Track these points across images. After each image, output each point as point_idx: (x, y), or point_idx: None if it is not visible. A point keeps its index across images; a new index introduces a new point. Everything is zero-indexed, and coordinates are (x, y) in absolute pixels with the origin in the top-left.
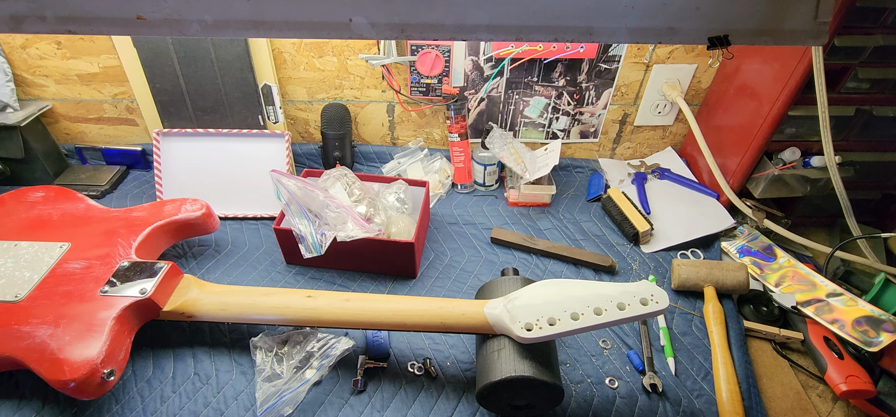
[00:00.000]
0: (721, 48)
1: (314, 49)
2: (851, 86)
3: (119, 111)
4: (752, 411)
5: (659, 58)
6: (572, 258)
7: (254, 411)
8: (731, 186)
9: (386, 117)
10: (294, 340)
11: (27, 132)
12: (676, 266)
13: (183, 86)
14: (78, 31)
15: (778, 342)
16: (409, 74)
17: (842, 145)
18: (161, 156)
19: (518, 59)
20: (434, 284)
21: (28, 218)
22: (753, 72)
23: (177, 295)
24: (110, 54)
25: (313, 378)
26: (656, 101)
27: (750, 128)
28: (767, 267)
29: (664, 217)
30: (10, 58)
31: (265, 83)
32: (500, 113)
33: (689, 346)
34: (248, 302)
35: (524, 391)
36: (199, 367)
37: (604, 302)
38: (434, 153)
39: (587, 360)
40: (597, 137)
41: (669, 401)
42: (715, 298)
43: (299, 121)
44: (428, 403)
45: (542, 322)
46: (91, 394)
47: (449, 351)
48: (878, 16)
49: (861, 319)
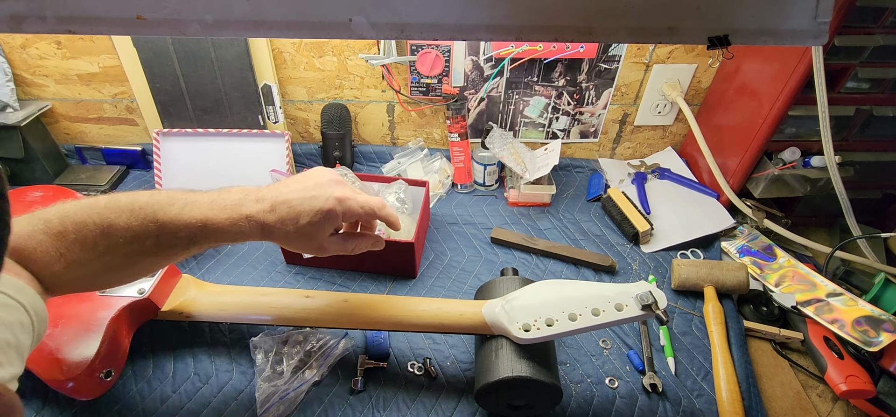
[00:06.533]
0: (721, 48)
1: (314, 49)
2: (851, 85)
3: (119, 111)
4: (752, 411)
5: (659, 58)
6: (572, 258)
7: (254, 411)
8: (731, 186)
9: (386, 117)
10: (294, 340)
11: (27, 132)
12: (676, 266)
13: (183, 86)
14: (78, 31)
15: (778, 342)
16: (409, 74)
17: (842, 145)
18: (161, 156)
19: (518, 59)
20: (434, 284)
21: None
22: (753, 72)
23: (175, 295)
24: (110, 54)
25: (313, 378)
26: (656, 101)
27: (750, 127)
28: (767, 267)
29: (664, 217)
30: (10, 58)
31: (265, 83)
32: (500, 113)
33: (689, 346)
34: (247, 302)
35: (522, 391)
36: (198, 367)
37: (602, 302)
38: (434, 153)
39: (587, 360)
40: (597, 137)
41: (669, 401)
42: (715, 298)
43: (299, 121)
44: (428, 403)
45: (540, 322)
46: (89, 394)
47: (449, 351)
48: (878, 16)
49: (861, 319)
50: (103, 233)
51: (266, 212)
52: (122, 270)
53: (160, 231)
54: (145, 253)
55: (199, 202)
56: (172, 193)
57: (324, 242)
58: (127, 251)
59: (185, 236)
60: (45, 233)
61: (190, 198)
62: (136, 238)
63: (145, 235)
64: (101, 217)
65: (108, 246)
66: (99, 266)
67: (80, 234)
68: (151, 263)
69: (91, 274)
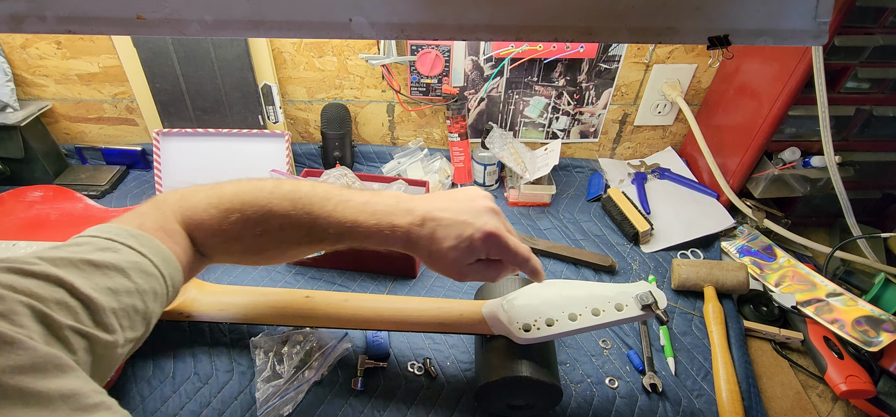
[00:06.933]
0: (721, 48)
1: (314, 49)
2: (851, 85)
3: (119, 111)
4: (752, 411)
5: (659, 58)
6: (572, 258)
7: (254, 411)
8: (731, 186)
9: (386, 117)
10: (294, 340)
11: (27, 132)
12: (676, 266)
13: (183, 86)
14: (78, 31)
15: (778, 342)
16: (409, 74)
17: (842, 145)
18: (161, 156)
19: (518, 59)
20: (434, 284)
21: (26, 218)
22: (753, 72)
23: None
24: (110, 54)
25: (313, 378)
26: (656, 101)
27: (750, 127)
28: (767, 267)
29: (664, 217)
30: (10, 58)
31: (265, 83)
32: (500, 113)
33: (689, 346)
34: (247, 302)
35: (522, 391)
36: (198, 367)
37: (602, 302)
38: (434, 153)
39: (587, 360)
40: (597, 137)
41: (669, 401)
42: (715, 298)
43: (299, 121)
44: (428, 403)
45: (540, 322)
46: None
47: (449, 351)
48: (878, 16)
49: (861, 319)
50: (264, 217)
51: (415, 225)
52: (271, 252)
53: (313, 225)
54: (297, 242)
55: (353, 202)
56: (330, 189)
57: (465, 268)
58: (280, 237)
59: (334, 233)
60: (216, 207)
61: (345, 196)
62: (291, 227)
63: (299, 226)
64: (266, 201)
65: (265, 229)
66: (252, 245)
67: (244, 214)
68: (297, 252)
69: (242, 251)
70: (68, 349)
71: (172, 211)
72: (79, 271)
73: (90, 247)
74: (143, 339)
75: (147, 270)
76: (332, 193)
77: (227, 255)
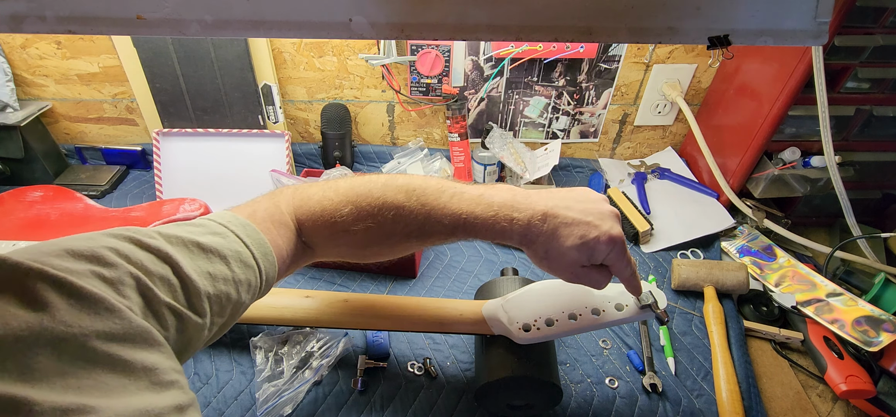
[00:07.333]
0: (721, 48)
1: (314, 49)
2: (851, 85)
3: (119, 111)
4: (752, 411)
5: (659, 58)
6: None
7: (254, 411)
8: (731, 186)
9: (386, 117)
10: (294, 340)
11: (27, 132)
12: (676, 266)
13: (183, 86)
14: (78, 31)
15: (778, 342)
16: (409, 74)
17: (842, 145)
18: (161, 156)
19: (518, 59)
20: (434, 284)
21: (26, 218)
22: (753, 72)
23: None
24: (110, 54)
25: (313, 378)
26: (656, 101)
27: (750, 127)
28: (767, 267)
29: (664, 217)
30: (10, 58)
31: (265, 83)
32: (500, 113)
33: (689, 346)
34: None
35: (522, 391)
36: (199, 367)
37: (602, 302)
38: (434, 153)
39: (587, 360)
40: (597, 137)
41: (669, 401)
42: (715, 298)
43: (299, 121)
44: (428, 403)
45: (540, 322)
46: None
47: (449, 351)
48: (878, 16)
49: (861, 319)
50: (378, 209)
51: (536, 221)
52: (376, 246)
53: (427, 217)
54: (407, 235)
55: (468, 194)
56: (443, 182)
57: (580, 270)
58: (391, 229)
59: (448, 224)
60: (330, 199)
61: (458, 188)
62: (404, 218)
63: (413, 218)
64: (380, 193)
65: (378, 221)
66: (360, 238)
67: (358, 205)
68: (405, 246)
69: (348, 244)
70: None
71: (285, 201)
72: (188, 252)
73: (203, 230)
74: (227, 327)
75: (246, 261)
76: (445, 186)
77: (334, 247)
